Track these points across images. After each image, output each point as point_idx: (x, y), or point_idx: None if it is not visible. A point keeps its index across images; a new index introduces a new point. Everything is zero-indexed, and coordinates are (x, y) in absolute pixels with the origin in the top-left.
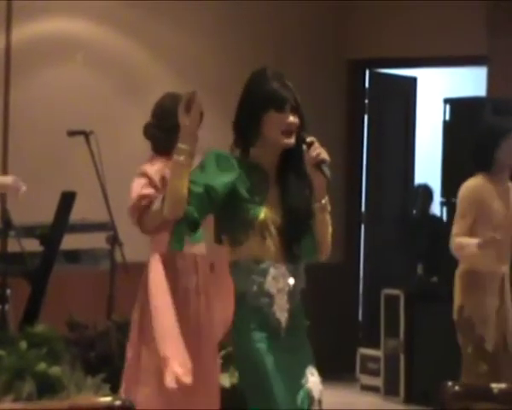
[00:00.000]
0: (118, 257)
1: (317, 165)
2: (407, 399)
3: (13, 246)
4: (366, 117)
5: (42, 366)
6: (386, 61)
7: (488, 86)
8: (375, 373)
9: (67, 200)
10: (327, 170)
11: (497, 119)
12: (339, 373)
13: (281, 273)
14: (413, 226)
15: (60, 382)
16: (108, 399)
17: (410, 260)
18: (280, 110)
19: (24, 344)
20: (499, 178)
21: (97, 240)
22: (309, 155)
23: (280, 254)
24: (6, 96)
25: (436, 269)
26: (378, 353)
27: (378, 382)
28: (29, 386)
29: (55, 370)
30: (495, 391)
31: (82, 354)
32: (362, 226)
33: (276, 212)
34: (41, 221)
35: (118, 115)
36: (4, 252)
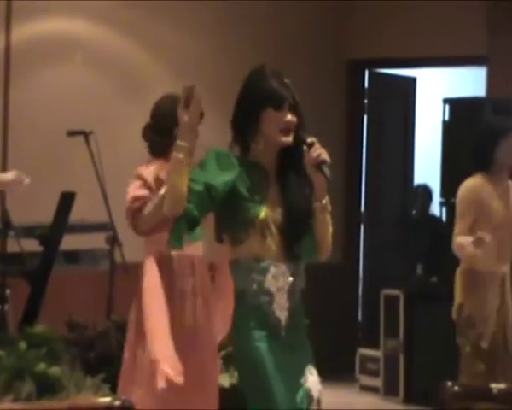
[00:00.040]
0: (117, 257)
1: (318, 165)
2: (406, 399)
3: (12, 246)
4: (366, 117)
5: (41, 367)
6: (385, 62)
7: (488, 86)
8: (375, 373)
9: (67, 200)
10: (327, 170)
11: (497, 119)
12: (338, 373)
13: (281, 272)
14: (412, 226)
15: (59, 382)
16: (108, 399)
17: (410, 260)
18: (278, 108)
19: (23, 344)
20: (498, 177)
21: (97, 240)
22: (310, 156)
23: (280, 252)
24: (5, 96)
25: (436, 269)
26: (377, 353)
27: (377, 382)
28: (28, 386)
29: (55, 370)
30: (494, 391)
31: (81, 355)
32: (361, 226)
33: (277, 210)
34: (40, 221)
35: (117, 115)
36: (4, 252)
